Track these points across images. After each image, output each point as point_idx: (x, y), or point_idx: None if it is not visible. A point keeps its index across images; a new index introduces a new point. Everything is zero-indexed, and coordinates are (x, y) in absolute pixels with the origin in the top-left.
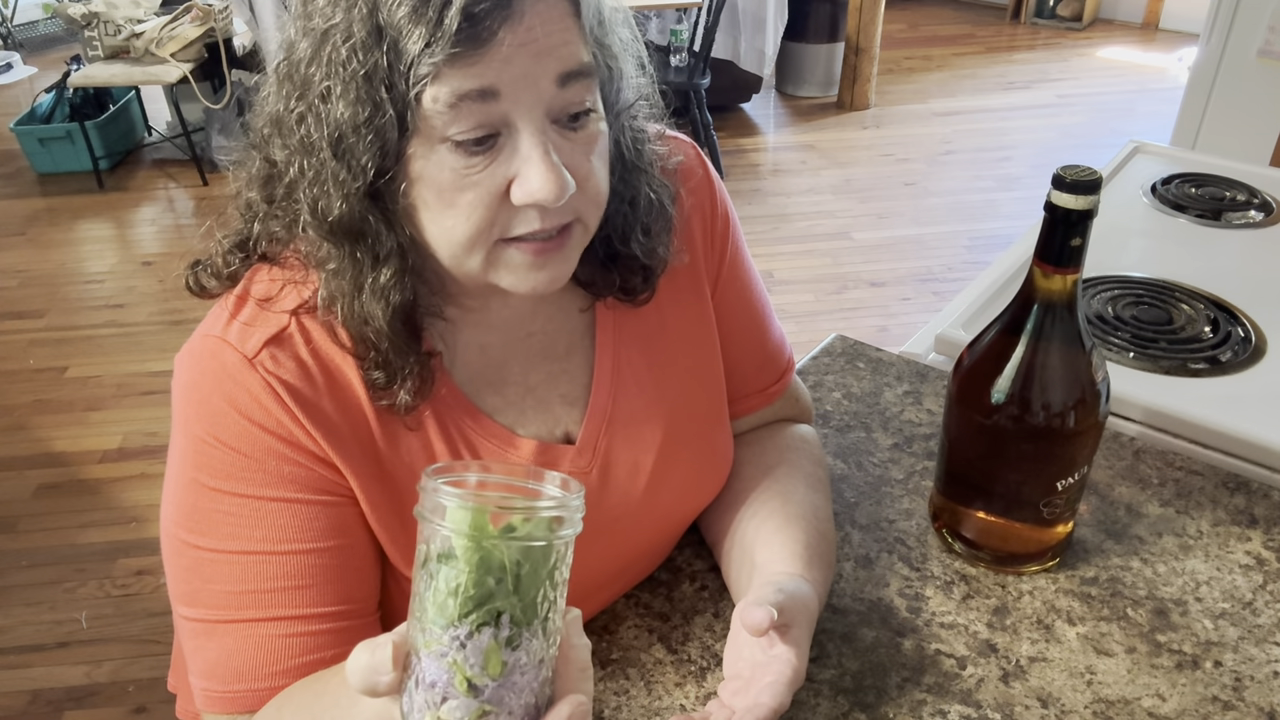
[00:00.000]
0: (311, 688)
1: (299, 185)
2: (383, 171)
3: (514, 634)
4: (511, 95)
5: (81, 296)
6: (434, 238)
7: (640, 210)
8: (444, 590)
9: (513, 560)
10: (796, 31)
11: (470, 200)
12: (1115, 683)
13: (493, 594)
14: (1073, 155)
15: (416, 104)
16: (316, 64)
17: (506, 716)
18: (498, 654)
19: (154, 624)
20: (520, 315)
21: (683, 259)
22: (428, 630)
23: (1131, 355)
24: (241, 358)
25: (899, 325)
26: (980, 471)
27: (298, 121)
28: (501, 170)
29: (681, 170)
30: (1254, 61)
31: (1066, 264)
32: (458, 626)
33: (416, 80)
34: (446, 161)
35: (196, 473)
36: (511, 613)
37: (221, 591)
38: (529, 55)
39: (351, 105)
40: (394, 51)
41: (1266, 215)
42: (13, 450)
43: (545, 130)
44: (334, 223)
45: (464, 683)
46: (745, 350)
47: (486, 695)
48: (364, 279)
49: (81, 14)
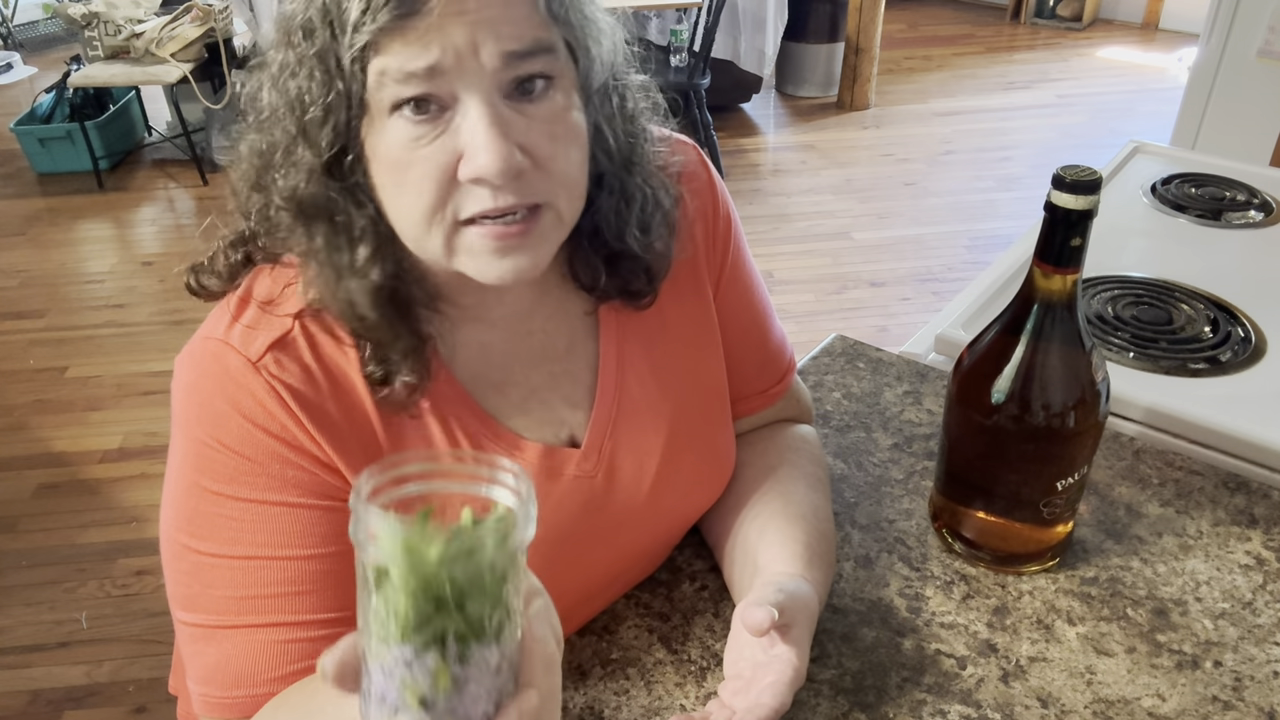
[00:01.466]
0: (305, 688)
1: (271, 168)
2: (343, 151)
3: (462, 650)
4: (455, 69)
5: (81, 296)
6: (395, 220)
7: (635, 205)
8: (384, 612)
9: (455, 582)
10: (796, 31)
11: (419, 175)
12: (1115, 683)
13: (433, 618)
14: (1073, 155)
15: (364, 78)
16: (281, 48)
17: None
18: (446, 671)
19: (154, 624)
20: (519, 313)
21: (685, 254)
22: (374, 647)
23: (1131, 355)
24: (245, 361)
25: (899, 325)
26: (980, 471)
27: (269, 106)
28: (450, 144)
29: (684, 173)
30: (1254, 61)
31: (1066, 264)
32: (402, 647)
33: (358, 52)
34: (394, 135)
35: (198, 476)
36: (457, 630)
37: (221, 596)
38: (466, 25)
39: (307, 82)
40: (338, 24)
41: (1266, 215)
42: (13, 450)
43: (495, 104)
44: (300, 201)
45: (414, 698)
46: (747, 351)
47: (440, 709)
48: (341, 261)
49: (81, 14)
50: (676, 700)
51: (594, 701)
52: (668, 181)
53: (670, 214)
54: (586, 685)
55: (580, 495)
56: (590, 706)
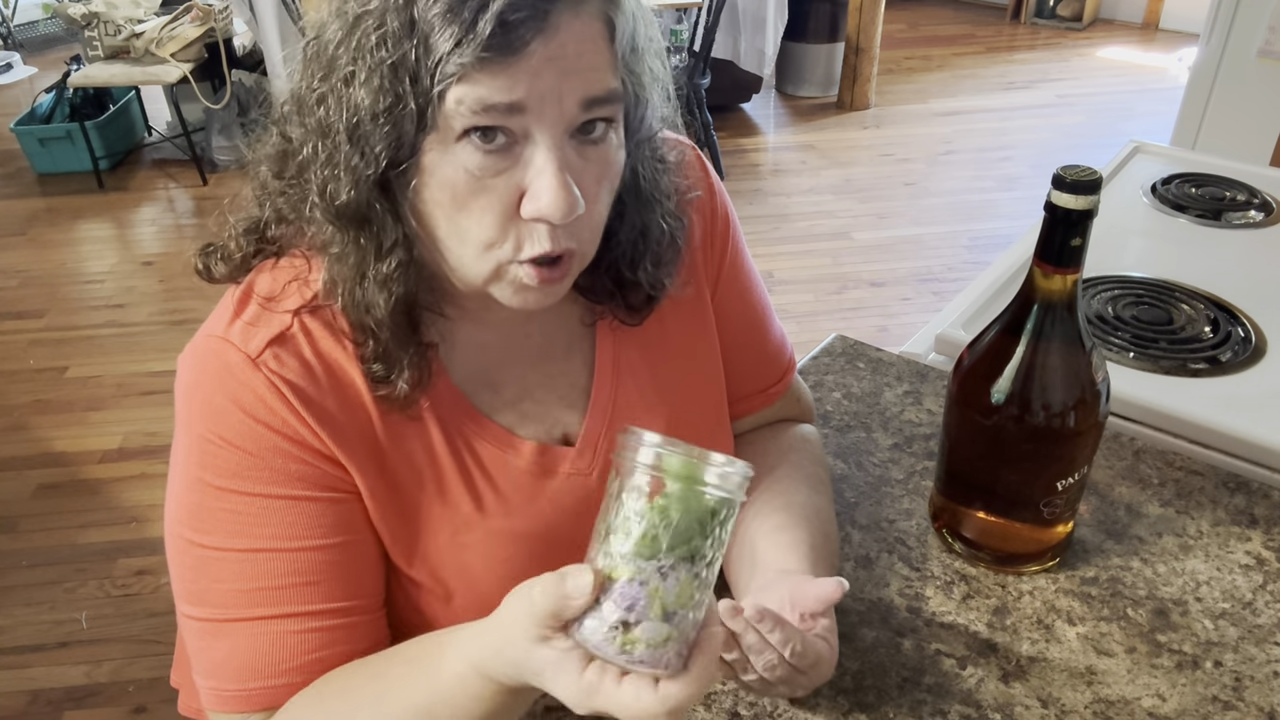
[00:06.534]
0: (363, 671)
1: (311, 165)
2: (396, 163)
3: (704, 572)
4: (536, 110)
5: (81, 296)
6: (445, 237)
7: (651, 240)
8: (658, 524)
9: (712, 508)
10: (796, 31)
11: (482, 205)
12: (1115, 683)
13: (695, 534)
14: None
15: (439, 101)
16: (345, 47)
17: (680, 644)
18: (690, 587)
19: (154, 624)
20: (518, 315)
21: (686, 292)
22: (628, 560)
23: (1131, 355)
24: (245, 357)
25: (899, 325)
26: (980, 471)
27: (318, 102)
28: (515, 179)
29: (681, 168)
30: (1254, 61)
31: (1066, 264)
32: (662, 559)
33: (443, 78)
34: (462, 161)
35: (201, 471)
36: (706, 554)
37: (229, 590)
38: (557, 72)
39: (373, 93)
40: (423, 46)
41: (1266, 215)
42: (13, 450)
43: (563, 146)
44: (341, 207)
45: (659, 609)
46: (746, 351)
47: (675, 622)
48: (367, 267)
49: (81, 14)
50: None
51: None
52: (683, 216)
53: (680, 248)
54: None
55: (575, 494)
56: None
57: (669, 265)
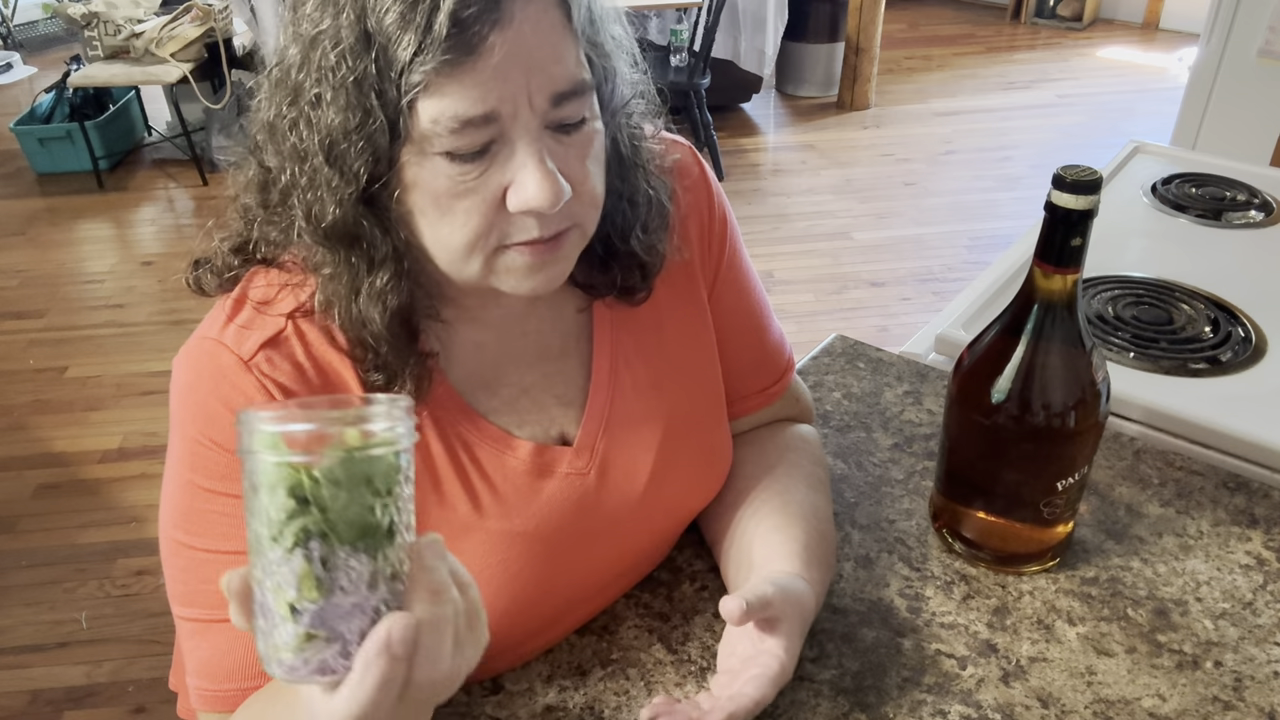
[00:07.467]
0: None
1: (293, 191)
2: (375, 177)
3: (327, 553)
4: (509, 114)
5: (81, 296)
6: (431, 244)
7: (640, 208)
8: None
9: (314, 477)
10: (796, 31)
11: (466, 207)
12: (1115, 683)
13: (296, 513)
14: (1073, 155)
15: (409, 111)
16: (306, 70)
17: (339, 644)
18: (310, 575)
19: (154, 624)
20: (516, 314)
21: (681, 255)
22: (255, 560)
23: (1131, 355)
24: (237, 360)
25: (899, 325)
26: (980, 471)
27: (290, 128)
28: (497, 177)
29: (678, 169)
30: (1254, 61)
31: (1066, 264)
32: (273, 550)
33: (409, 88)
34: (441, 169)
35: (191, 474)
36: (320, 531)
37: (215, 591)
38: (522, 69)
39: (342, 111)
40: (384, 58)
41: (1266, 215)
42: (13, 450)
43: (541, 138)
44: (328, 228)
45: (285, 607)
46: (744, 350)
47: (307, 620)
48: (360, 283)
49: (81, 14)
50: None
51: (594, 701)
52: (665, 179)
53: (668, 211)
54: (586, 685)
55: (573, 493)
56: (590, 706)
57: (659, 230)
